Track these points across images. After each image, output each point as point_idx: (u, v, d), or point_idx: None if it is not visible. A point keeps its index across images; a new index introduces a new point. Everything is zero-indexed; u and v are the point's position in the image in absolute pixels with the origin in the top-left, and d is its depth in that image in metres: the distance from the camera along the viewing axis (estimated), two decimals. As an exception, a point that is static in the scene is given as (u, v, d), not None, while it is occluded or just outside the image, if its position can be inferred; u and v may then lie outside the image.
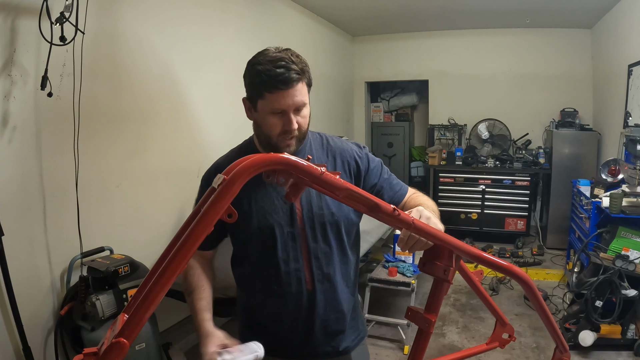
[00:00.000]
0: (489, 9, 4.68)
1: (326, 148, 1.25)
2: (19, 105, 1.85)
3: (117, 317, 0.76)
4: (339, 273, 1.22)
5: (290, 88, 1.05)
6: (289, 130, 1.09)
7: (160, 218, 2.69)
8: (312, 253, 1.18)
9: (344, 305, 1.24)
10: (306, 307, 1.19)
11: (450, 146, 5.76)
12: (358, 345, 1.31)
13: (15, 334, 1.85)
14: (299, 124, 1.11)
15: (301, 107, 1.10)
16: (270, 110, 1.08)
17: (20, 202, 1.89)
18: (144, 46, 2.52)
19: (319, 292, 1.19)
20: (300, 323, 1.20)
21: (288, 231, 1.16)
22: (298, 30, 4.51)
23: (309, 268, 1.18)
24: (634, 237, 2.94)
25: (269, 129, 1.11)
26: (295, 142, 1.14)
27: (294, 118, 1.09)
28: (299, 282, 1.17)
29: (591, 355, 2.77)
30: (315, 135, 1.27)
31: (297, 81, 1.06)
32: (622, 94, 4.04)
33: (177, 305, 2.37)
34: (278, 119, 1.09)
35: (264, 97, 1.07)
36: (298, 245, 1.17)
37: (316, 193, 1.17)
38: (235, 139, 1.36)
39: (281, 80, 1.04)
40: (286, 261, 1.16)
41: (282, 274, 1.17)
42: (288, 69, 1.04)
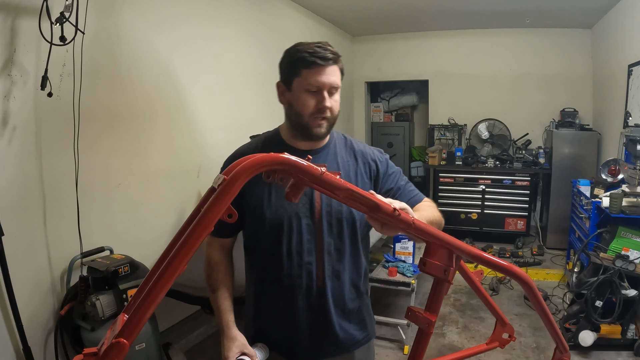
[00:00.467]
0: (489, 9, 4.68)
1: (350, 148, 1.27)
2: (19, 105, 1.85)
3: (117, 317, 0.76)
4: (348, 271, 1.22)
5: (327, 66, 1.10)
6: (322, 108, 1.11)
7: (160, 218, 2.69)
8: (326, 248, 1.18)
9: (349, 304, 1.24)
10: (316, 302, 1.19)
11: (450, 146, 5.76)
12: (363, 346, 1.30)
13: (15, 334, 1.85)
14: (332, 107, 1.13)
15: (334, 90, 1.13)
16: (306, 87, 1.11)
17: (20, 202, 1.89)
18: (144, 46, 2.52)
19: (328, 289, 1.19)
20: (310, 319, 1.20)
21: (306, 223, 1.16)
22: (298, 30, 4.50)
23: (321, 263, 1.18)
24: (634, 237, 2.94)
25: (302, 107, 1.13)
26: (326, 125, 1.15)
27: (327, 97, 1.11)
28: (310, 276, 1.17)
29: (591, 355, 2.77)
30: (339, 135, 1.29)
31: (333, 62, 1.11)
32: (622, 94, 4.04)
33: (177, 305, 2.38)
34: (312, 97, 1.11)
35: (300, 75, 1.11)
36: (313, 239, 1.17)
37: None
38: (235, 139, 1.37)
39: (319, 56, 1.09)
40: (300, 253, 1.17)
41: (294, 266, 1.17)
42: (325, 49, 1.11)
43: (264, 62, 3.85)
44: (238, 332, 1.15)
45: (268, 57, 3.91)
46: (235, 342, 1.12)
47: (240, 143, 1.37)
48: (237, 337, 1.14)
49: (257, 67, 3.75)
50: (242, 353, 1.11)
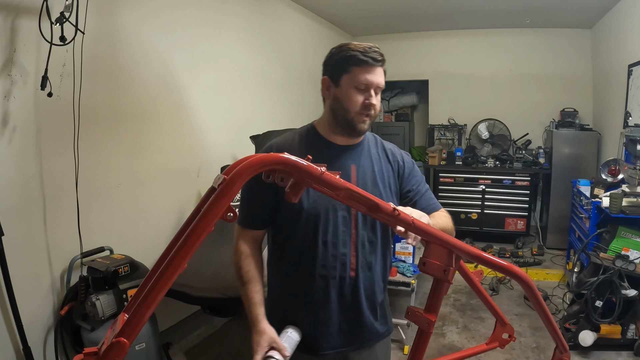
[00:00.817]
0: (489, 9, 4.68)
1: (380, 146, 1.33)
2: (19, 105, 1.85)
3: (117, 317, 0.76)
4: (378, 264, 1.26)
5: (376, 66, 1.17)
6: (369, 105, 1.17)
7: (160, 218, 2.69)
8: (360, 240, 1.21)
9: (378, 297, 1.28)
10: (348, 293, 1.22)
11: (450, 146, 5.76)
12: (383, 340, 1.34)
13: (15, 334, 1.85)
14: (376, 106, 1.19)
15: (379, 91, 1.20)
16: (355, 84, 1.17)
17: (20, 202, 1.89)
18: (144, 46, 2.52)
19: (361, 280, 1.22)
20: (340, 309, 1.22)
21: (342, 215, 1.20)
22: (298, 30, 4.51)
23: (355, 255, 1.21)
24: (634, 237, 2.94)
25: (350, 103, 1.18)
26: (369, 122, 1.21)
27: (374, 95, 1.18)
28: (344, 267, 1.20)
29: (591, 355, 2.77)
30: (370, 134, 1.35)
31: (381, 64, 1.19)
32: (622, 94, 4.04)
33: (177, 305, 2.38)
34: (360, 94, 1.17)
35: (350, 72, 1.17)
36: (349, 231, 1.20)
37: (372, 182, 1.23)
38: (235, 139, 1.37)
39: (371, 56, 1.16)
40: (335, 244, 1.19)
41: (328, 257, 1.20)
42: (375, 52, 1.18)
43: (264, 63, 3.85)
44: (268, 325, 1.15)
45: (268, 57, 3.92)
46: (264, 335, 1.12)
47: (240, 143, 1.38)
48: (267, 330, 1.13)
49: (257, 67, 3.75)
50: (271, 348, 1.11)
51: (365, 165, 1.25)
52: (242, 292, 1.22)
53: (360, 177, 1.23)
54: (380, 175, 1.25)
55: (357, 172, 1.23)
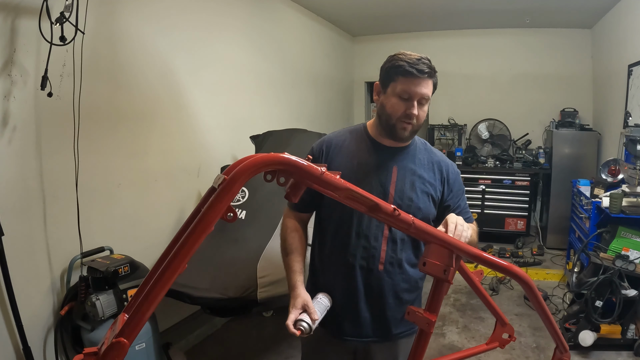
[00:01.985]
0: (489, 9, 4.68)
1: (428, 153, 1.38)
2: (19, 105, 1.85)
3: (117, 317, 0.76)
4: (410, 260, 1.31)
5: (422, 78, 1.20)
6: (410, 114, 1.22)
7: (160, 218, 2.69)
8: (392, 236, 1.28)
9: (405, 294, 1.32)
10: (374, 285, 1.28)
11: (450, 146, 5.76)
12: (409, 337, 1.36)
13: (15, 334, 1.85)
14: (419, 116, 1.24)
15: (424, 101, 1.24)
16: (399, 93, 1.22)
17: (20, 202, 1.89)
18: (144, 46, 2.52)
19: (388, 274, 1.28)
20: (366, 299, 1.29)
21: None
22: (298, 30, 4.51)
23: (385, 249, 1.28)
24: (634, 237, 2.94)
25: (392, 110, 1.23)
26: (411, 129, 1.26)
27: (416, 105, 1.22)
28: (373, 260, 1.27)
29: (591, 355, 2.77)
30: (421, 140, 1.41)
31: (428, 76, 1.22)
32: (622, 94, 4.04)
33: (177, 305, 2.38)
34: (403, 102, 1.22)
35: (396, 81, 1.22)
36: (382, 226, 1.27)
37: (410, 185, 1.29)
38: (235, 139, 1.38)
39: (417, 68, 1.20)
40: (367, 237, 1.27)
41: (359, 248, 1.27)
42: (424, 63, 1.22)
43: (264, 62, 3.85)
44: (304, 291, 1.24)
45: (268, 57, 3.92)
46: (298, 299, 1.21)
47: (240, 143, 1.39)
48: (302, 294, 1.23)
49: (257, 67, 3.75)
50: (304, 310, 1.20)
51: (407, 168, 1.30)
52: (284, 262, 1.33)
53: (400, 178, 1.28)
54: (420, 181, 1.30)
55: (398, 174, 1.29)
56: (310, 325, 1.17)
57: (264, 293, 2.07)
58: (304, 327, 1.16)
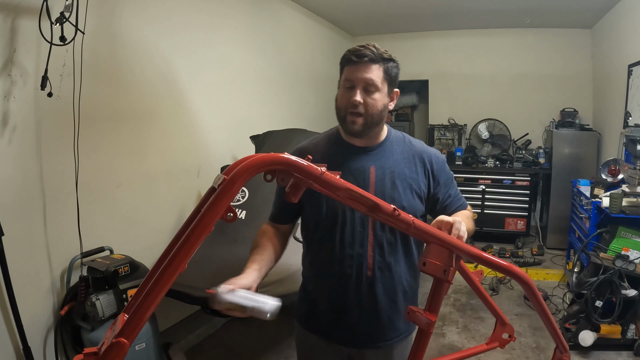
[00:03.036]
0: (489, 9, 4.68)
1: (407, 146, 1.31)
2: (19, 105, 1.85)
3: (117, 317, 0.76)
4: (402, 265, 1.26)
5: (362, 63, 1.15)
6: (353, 102, 1.15)
7: (160, 218, 2.69)
8: (378, 241, 1.22)
9: (399, 295, 1.27)
10: (365, 292, 1.23)
11: (450, 146, 5.76)
12: (404, 339, 1.34)
13: (15, 334, 1.85)
14: (366, 104, 1.16)
15: (371, 88, 1.16)
16: (344, 83, 1.18)
17: (20, 202, 1.89)
18: (144, 46, 2.52)
19: (379, 280, 1.23)
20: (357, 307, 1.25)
21: (359, 216, 1.21)
22: (298, 30, 4.51)
23: (372, 255, 1.22)
24: (634, 237, 2.94)
25: (340, 102, 1.20)
26: (362, 122, 1.17)
27: (359, 92, 1.15)
28: (360, 267, 1.22)
29: (591, 355, 2.77)
30: (398, 134, 1.34)
31: (370, 60, 1.16)
32: (622, 94, 4.04)
33: (177, 305, 2.38)
34: (348, 92, 1.17)
35: (343, 72, 1.20)
36: (366, 231, 1.21)
37: (391, 183, 1.23)
38: (235, 139, 1.38)
39: (355, 54, 1.16)
40: (352, 244, 1.22)
41: (345, 256, 1.22)
42: (365, 48, 1.17)
43: (264, 63, 3.85)
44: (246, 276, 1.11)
45: (268, 57, 3.92)
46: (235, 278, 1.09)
47: (239, 143, 1.39)
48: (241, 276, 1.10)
49: (257, 68, 3.75)
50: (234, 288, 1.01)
51: (385, 167, 1.24)
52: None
53: (379, 178, 1.22)
54: (401, 177, 1.24)
55: (376, 174, 1.23)
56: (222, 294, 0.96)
57: (263, 293, 2.07)
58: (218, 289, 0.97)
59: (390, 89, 1.22)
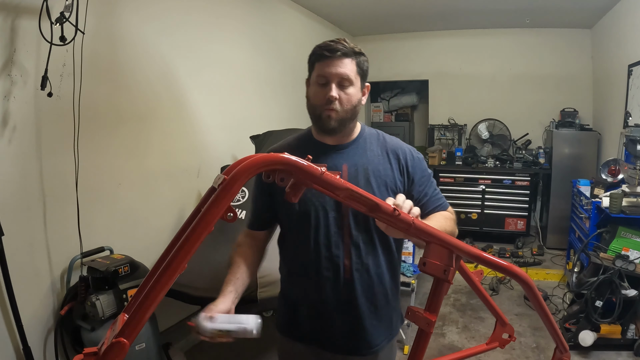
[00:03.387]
0: (489, 9, 4.68)
1: (382, 143, 1.27)
2: (19, 105, 1.85)
3: (117, 317, 0.76)
4: (379, 266, 1.22)
5: (335, 58, 1.13)
6: (328, 98, 1.13)
7: (160, 218, 2.69)
8: (354, 241, 1.19)
9: (379, 297, 1.24)
10: (344, 295, 1.20)
11: (450, 146, 5.76)
12: (387, 345, 1.31)
13: (15, 334, 1.85)
14: (341, 99, 1.14)
15: (345, 83, 1.14)
16: (317, 79, 1.15)
17: (20, 202, 1.89)
18: (144, 46, 2.52)
19: (357, 282, 1.20)
20: (337, 312, 1.21)
21: (333, 216, 1.18)
22: (298, 30, 4.50)
23: (348, 256, 1.19)
24: (634, 237, 2.94)
25: (314, 99, 1.17)
26: (337, 117, 1.15)
27: (335, 88, 1.13)
28: (337, 269, 1.19)
29: (591, 355, 2.77)
30: (372, 131, 1.30)
31: (343, 54, 1.14)
32: (622, 94, 4.04)
33: (177, 305, 2.38)
34: (322, 88, 1.15)
35: (314, 68, 1.17)
36: (340, 232, 1.18)
37: (365, 181, 1.19)
38: (235, 139, 1.38)
39: (327, 49, 1.14)
40: (327, 246, 1.18)
41: (321, 259, 1.19)
42: (337, 43, 1.15)
43: (264, 63, 3.85)
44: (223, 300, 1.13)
45: (268, 57, 3.92)
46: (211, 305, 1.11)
47: (239, 143, 1.38)
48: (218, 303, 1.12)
49: (257, 68, 3.75)
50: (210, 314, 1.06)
51: (358, 164, 1.20)
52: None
53: (352, 176, 1.19)
54: (375, 174, 1.20)
55: (349, 172, 1.19)
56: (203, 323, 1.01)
57: (263, 293, 2.07)
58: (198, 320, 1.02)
59: (362, 83, 1.20)
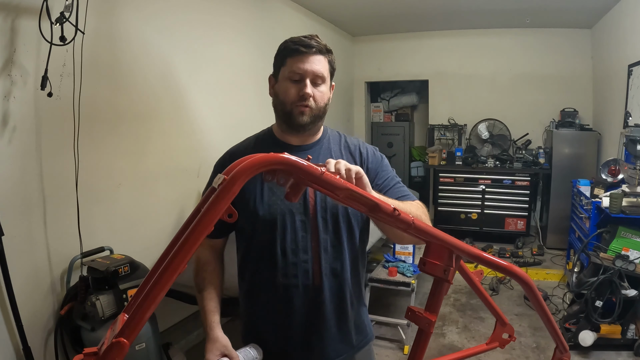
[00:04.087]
0: (489, 9, 4.68)
1: (344, 143, 1.25)
2: (19, 105, 1.85)
3: (117, 317, 0.76)
4: (347, 270, 1.18)
5: (310, 54, 1.10)
6: (303, 95, 1.10)
7: (160, 218, 2.69)
8: (322, 245, 1.14)
9: (348, 304, 1.20)
10: (313, 302, 1.15)
11: (450, 146, 5.76)
12: (363, 349, 1.27)
13: (15, 334, 1.85)
14: (315, 97, 1.12)
15: (319, 81, 1.13)
16: (289, 75, 1.12)
17: (20, 202, 1.89)
18: (144, 46, 2.52)
19: (326, 288, 1.15)
20: (306, 320, 1.16)
21: (300, 220, 1.14)
22: (298, 30, 4.50)
23: (317, 261, 1.14)
24: (634, 237, 2.94)
25: (285, 95, 1.13)
26: (309, 114, 1.13)
27: (309, 84, 1.11)
28: (306, 275, 1.14)
29: (591, 355, 2.77)
30: (334, 132, 1.29)
31: (317, 51, 1.11)
32: (622, 94, 4.04)
33: (177, 305, 2.38)
34: (295, 85, 1.12)
35: (285, 64, 1.13)
36: (309, 236, 1.14)
37: None
38: (235, 139, 1.37)
39: (302, 44, 1.10)
40: (295, 251, 1.13)
41: (289, 265, 1.13)
42: (310, 39, 1.11)
43: (263, 63, 3.85)
44: (221, 333, 1.13)
45: (268, 57, 3.91)
46: (216, 343, 1.10)
47: (239, 142, 1.37)
48: (219, 338, 1.11)
49: (256, 68, 3.75)
50: (223, 355, 1.08)
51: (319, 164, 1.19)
52: (197, 300, 1.20)
53: None
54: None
55: None
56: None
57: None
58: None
59: (331, 81, 1.18)
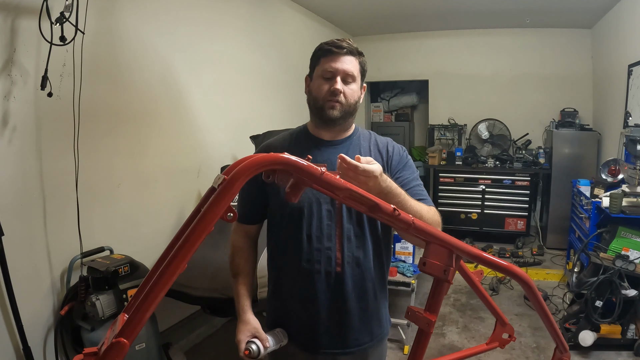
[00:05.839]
0: (489, 9, 4.68)
1: (373, 141, 1.32)
2: (19, 105, 1.85)
3: (117, 317, 0.76)
4: (370, 260, 1.23)
5: (341, 54, 1.19)
6: (334, 90, 1.18)
7: (160, 218, 2.69)
8: (345, 234, 1.20)
9: (369, 294, 1.24)
10: (335, 289, 1.20)
11: (450, 146, 5.76)
12: (377, 343, 1.30)
13: (15, 334, 1.85)
14: (345, 93, 1.20)
15: (350, 79, 1.21)
16: (322, 74, 1.21)
17: (20, 202, 1.89)
18: (144, 46, 2.52)
19: (348, 276, 1.20)
20: (327, 306, 1.21)
21: (326, 209, 1.20)
22: (298, 30, 4.50)
23: (340, 249, 1.20)
24: (634, 237, 2.94)
25: (318, 91, 1.21)
26: (340, 109, 1.20)
27: (340, 81, 1.19)
28: (329, 262, 1.19)
29: (591, 355, 2.77)
30: (365, 131, 1.36)
31: (348, 52, 1.20)
32: (622, 94, 4.04)
33: (177, 305, 2.38)
34: (327, 82, 1.20)
35: (319, 63, 1.22)
36: (333, 224, 1.19)
37: None
38: (235, 139, 1.38)
39: (334, 45, 1.20)
40: (319, 238, 1.19)
41: (313, 251, 1.19)
42: (342, 41, 1.21)
43: (264, 62, 3.85)
44: (252, 316, 1.21)
45: (268, 57, 3.92)
46: (247, 325, 1.19)
47: (240, 143, 1.39)
48: (251, 321, 1.19)
49: (257, 67, 3.75)
50: (254, 336, 1.16)
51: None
52: (232, 284, 1.28)
53: None
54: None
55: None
56: (260, 349, 1.12)
57: (263, 293, 2.06)
58: (253, 349, 1.12)
59: (362, 82, 1.26)
